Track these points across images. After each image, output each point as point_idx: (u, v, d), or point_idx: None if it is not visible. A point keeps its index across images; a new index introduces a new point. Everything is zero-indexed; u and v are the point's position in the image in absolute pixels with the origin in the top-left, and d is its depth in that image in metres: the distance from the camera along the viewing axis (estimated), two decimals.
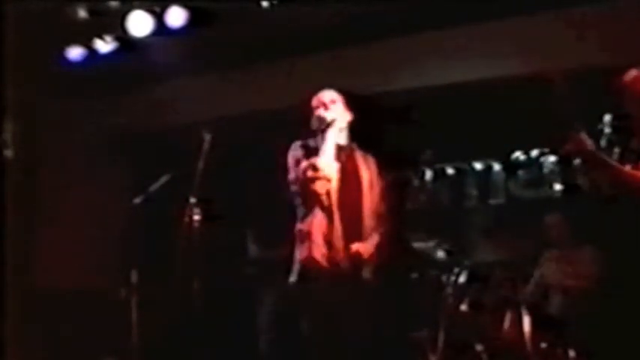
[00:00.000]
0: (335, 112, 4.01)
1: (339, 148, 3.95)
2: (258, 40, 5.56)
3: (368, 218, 3.93)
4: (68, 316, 6.00)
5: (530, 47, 5.07)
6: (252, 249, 6.36)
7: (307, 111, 4.04)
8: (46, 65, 5.83)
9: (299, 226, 3.92)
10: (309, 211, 3.87)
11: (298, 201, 3.94)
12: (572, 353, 4.26)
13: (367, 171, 4.03)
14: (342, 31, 5.35)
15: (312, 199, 3.83)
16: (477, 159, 6.40)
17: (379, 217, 3.97)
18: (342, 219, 3.83)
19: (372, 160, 4.10)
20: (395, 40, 5.40)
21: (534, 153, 6.18)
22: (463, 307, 4.51)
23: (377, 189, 4.02)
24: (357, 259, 3.80)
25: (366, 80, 5.47)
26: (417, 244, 5.14)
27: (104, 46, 5.62)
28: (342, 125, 4.02)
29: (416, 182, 6.48)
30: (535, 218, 5.41)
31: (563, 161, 3.59)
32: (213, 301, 5.11)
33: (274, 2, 4.97)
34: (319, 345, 3.80)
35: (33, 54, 5.54)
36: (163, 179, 4.71)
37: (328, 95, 4.07)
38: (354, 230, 3.86)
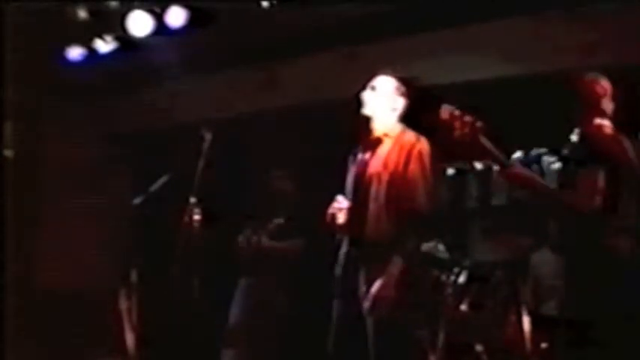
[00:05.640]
0: None
1: None
2: (258, 40, 5.55)
3: None
4: (68, 316, 5.99)
5: (532, 47, 5.06)
6: None
7: None
8: (46, 65, 5.84)
9: None
10: None
11: None
12: (571, 353, 4.25)
13: None
14: (341, 31, 5.35)
15: None
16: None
17: None
18: None
19: None
20: (392, 41, 5.39)
21: (534, 153, 6.15)
22: (463, 307, 4.50)
23: None
24: None
25: None
26: None
27: (104, 46, 5.62)
28: None
29: None
30: (535, 218, 5.40)
31: (564, 161, 3.58)
32: (213, 301, 5.11)
33: (274, 2, 4.97)
34: (318, 343, 3.80)
35: (33, 54, 5.56)
36: (163, 179, 4.71)
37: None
38: None
